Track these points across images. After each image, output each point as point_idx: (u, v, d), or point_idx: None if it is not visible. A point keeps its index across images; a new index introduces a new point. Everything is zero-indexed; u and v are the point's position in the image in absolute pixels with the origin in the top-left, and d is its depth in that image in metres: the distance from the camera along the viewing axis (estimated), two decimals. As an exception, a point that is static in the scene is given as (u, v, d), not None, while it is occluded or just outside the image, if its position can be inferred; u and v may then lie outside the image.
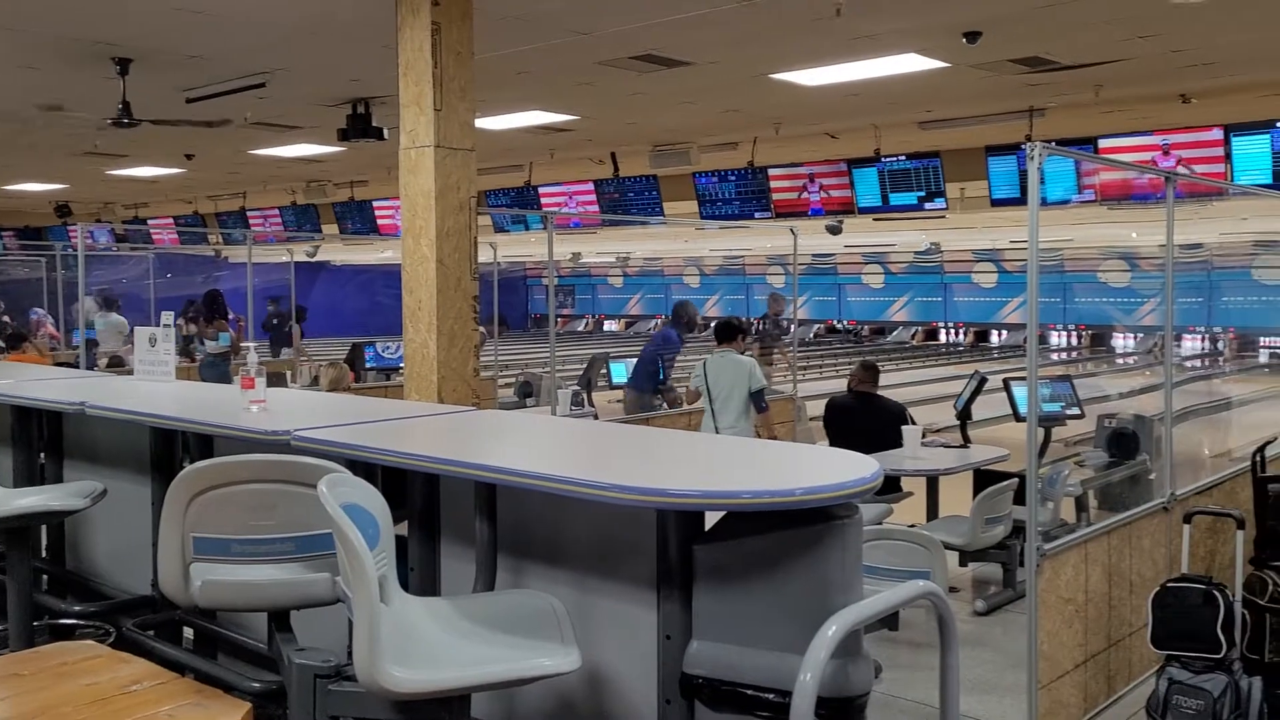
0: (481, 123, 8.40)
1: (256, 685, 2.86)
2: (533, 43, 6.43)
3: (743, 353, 6.71)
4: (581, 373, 10.30)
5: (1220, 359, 20.21)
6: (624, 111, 8.92)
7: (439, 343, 4.74)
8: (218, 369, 9.58)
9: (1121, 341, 22.02)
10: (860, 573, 2.43)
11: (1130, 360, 20.40)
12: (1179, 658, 3.67)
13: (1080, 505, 6.60)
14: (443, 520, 2.84)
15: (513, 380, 10.91)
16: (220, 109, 7.98)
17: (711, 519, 2.43)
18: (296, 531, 2.49)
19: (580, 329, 29.76)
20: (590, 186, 12.23)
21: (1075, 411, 6.80)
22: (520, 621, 2.35)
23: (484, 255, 6.74)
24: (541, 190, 12.65)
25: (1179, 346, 19.47)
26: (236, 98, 7.69)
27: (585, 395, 8.75)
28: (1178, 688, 3.63)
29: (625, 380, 8.71)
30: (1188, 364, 19.27)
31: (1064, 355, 21.68)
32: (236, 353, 9.71)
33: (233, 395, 3.40)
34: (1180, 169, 8.09)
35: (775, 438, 6.34)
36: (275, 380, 4.78)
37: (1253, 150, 8.11)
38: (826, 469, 2.42)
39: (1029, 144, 3.55)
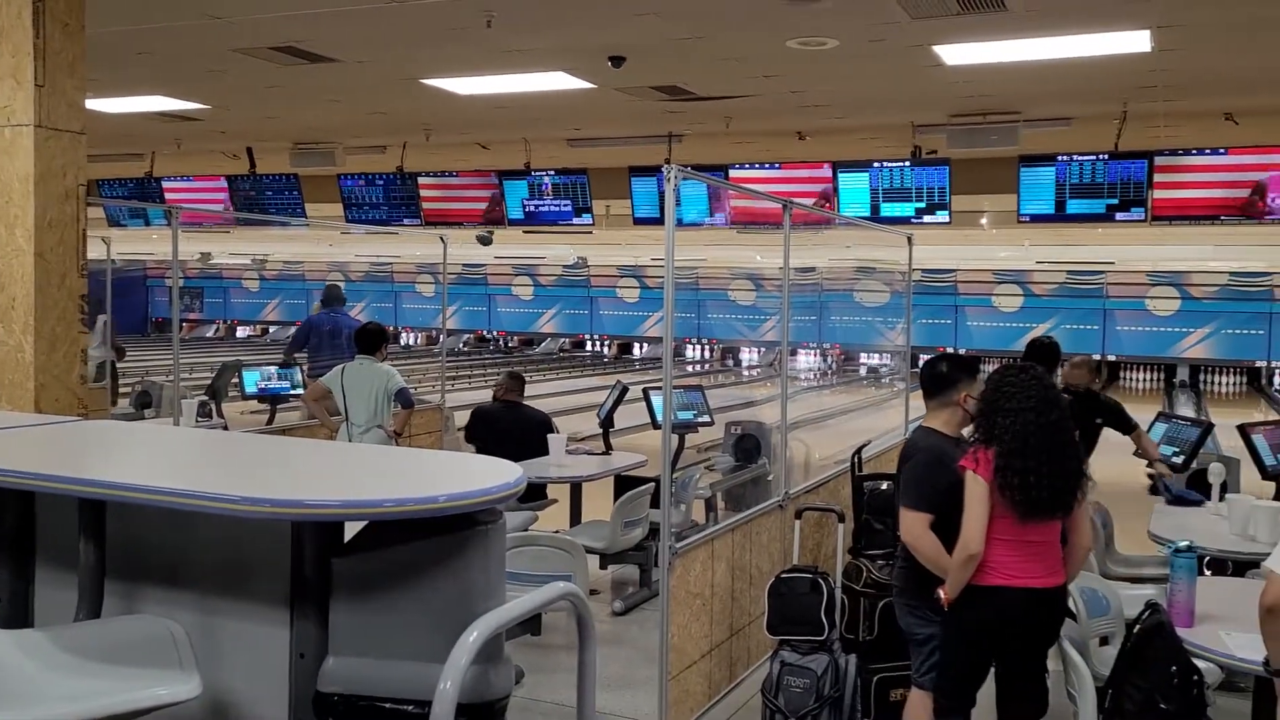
0: (95, 104, 7.61)
1: None
2: (156, 21, 5.90)
3: (383, 361, 6.55)
4: (210, 382, 9.62)
5: (829, 372, 22.52)
6: (262, 105, 8.44)
7: (37, 346, 4.21)
8: None
9: (748, 355, 23.92)
10: (503, 578, 2.45)
11: (755, 372, 22.21)
12: (790, 641, 4.04)
13: (710, 506, 7.10)
14: (39, 544, 2.52)
15: (129, 390, 9.95)
16: None
17: (354, 529, 2.35)
18: None
19: (210, 335, 27.73)
20: (223, 183, 11.45)
21: (706, 419, 7.30)
22: (131, 649, 2.14)
23: (96, 251, 6.08)
24: (166, 184, 11.66)
25: (794, 360, 21.44)
26: None
27: (214, 406, 8.15)
28: (788, 669, 3.98)
29: (254, 390, 8.29)
30: (802, 376, 21.28)
31: (698, 367, 23.21)
32: None
33: None
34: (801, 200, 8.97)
35: (397, 441, 6.24)
36: None
37: (855, 186, 9.13)
38: (470, 475, 2.42)
39: (667, 166, 3.76)
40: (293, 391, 8.19)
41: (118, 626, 2.30)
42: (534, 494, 6.39)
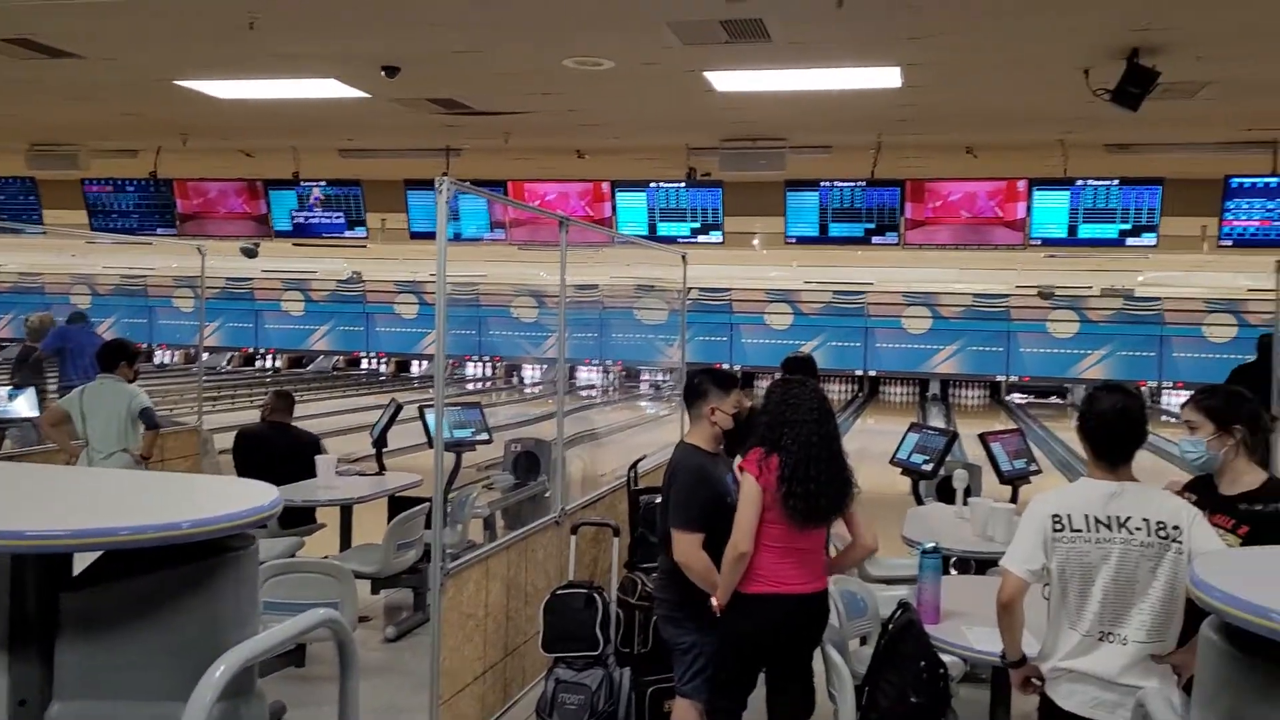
0: None
1: None
2: None
3: (131, 380, 6.09)
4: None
5: (611, 389, 22.81)
6: (-7, 100, 7.72)
7: None
8: None
9: (530, 372, 23.88)
10: (256, 608, 2.32)
11: (538, 389, 22.20)
12: (564, 658, 4.03)
13: (488, 525, 7.01)
14: None
15: None
16: None
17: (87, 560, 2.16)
18: None
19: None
20: (-55, 185, 10.38)
21: (484, 437, 7.20)
22: None
23: None
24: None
25: (576, 377, 21.59)
26: None
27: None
28: (563, 686, 3.97)
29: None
30: (583, 393, 21.44)
31: (480, 385, 22.96)
32: None
33: None
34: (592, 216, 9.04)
35: (147, 466, 5.84)
36: None
37: (633, 205, 9.30)
38: (218, 499, 2.27)
39: (439, 179, 3.67)
40: (25, 415, 7.48)
41: None
42: (301, 518, 6.12)
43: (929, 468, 6.08)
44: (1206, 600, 1.63)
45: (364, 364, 24.21)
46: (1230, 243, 8.09)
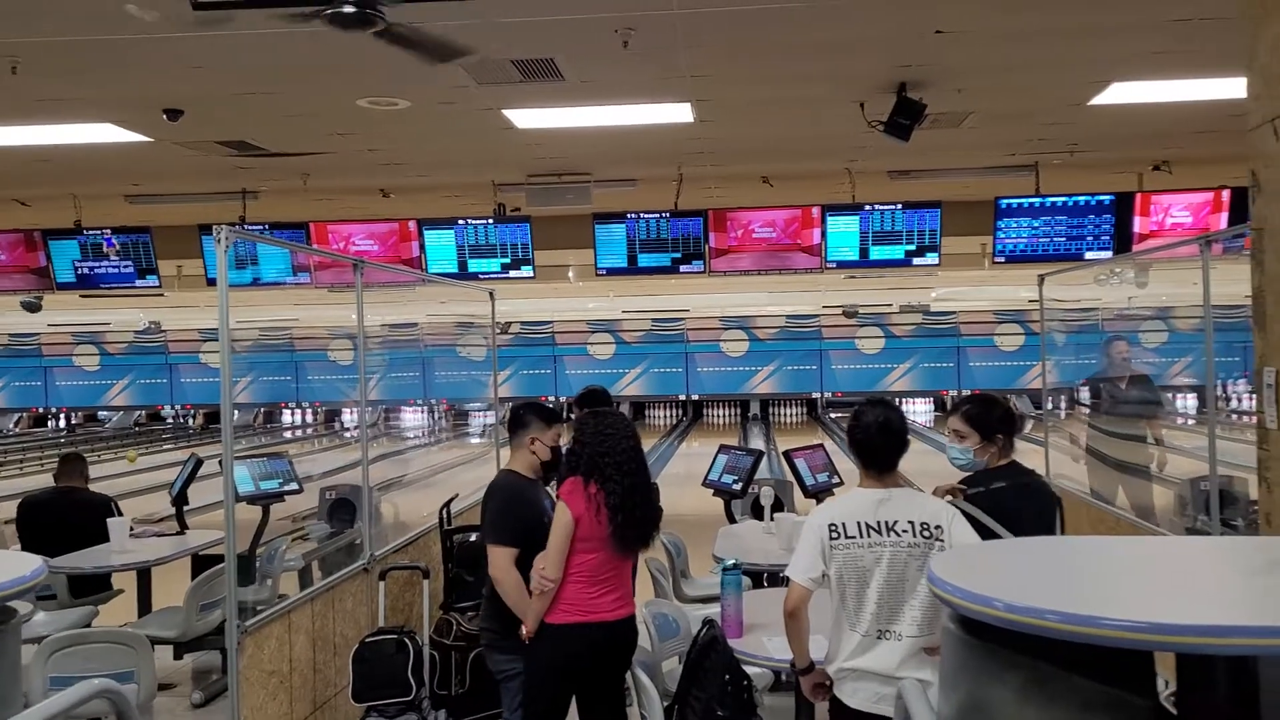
0: None
1: None
2: None
3: None
4: None
5: (435, 428, 22.44)
6: None
7: None
8: None
9: (350, 416, 23.24)
10: (19, 683, 2.19)
11: (357, 433, 21.61)
12: (377, 706, 3.95)
13: (304, 577, 6.77)
14: None
15: None
16: None
17: None
18: None
19: None
20: None
21: (294, 487, 6.96)
22: None
23: None
24: None
25: (399, 417, 21.15)
26: None
27: None
28: (374, 735, 3.89)
29: None
30: (409, 434, 21.01)
31: (297, 432, 22.18)
32: None
33: None
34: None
35: None
36: None
37: (442, 244, 9.23)
38: (-32, 572, 2.13)
39: (216, 228, 3.60)
40: None
41: None
42: (96, 585, 5.78)
43: (739, 487, 6.28)
44: (940, 593, 1.77)
45: (169, 418, 22.97)
46: (1004, 259, 8.73)
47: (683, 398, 22.62)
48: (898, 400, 22.46)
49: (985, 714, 1.76)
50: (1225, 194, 8.18)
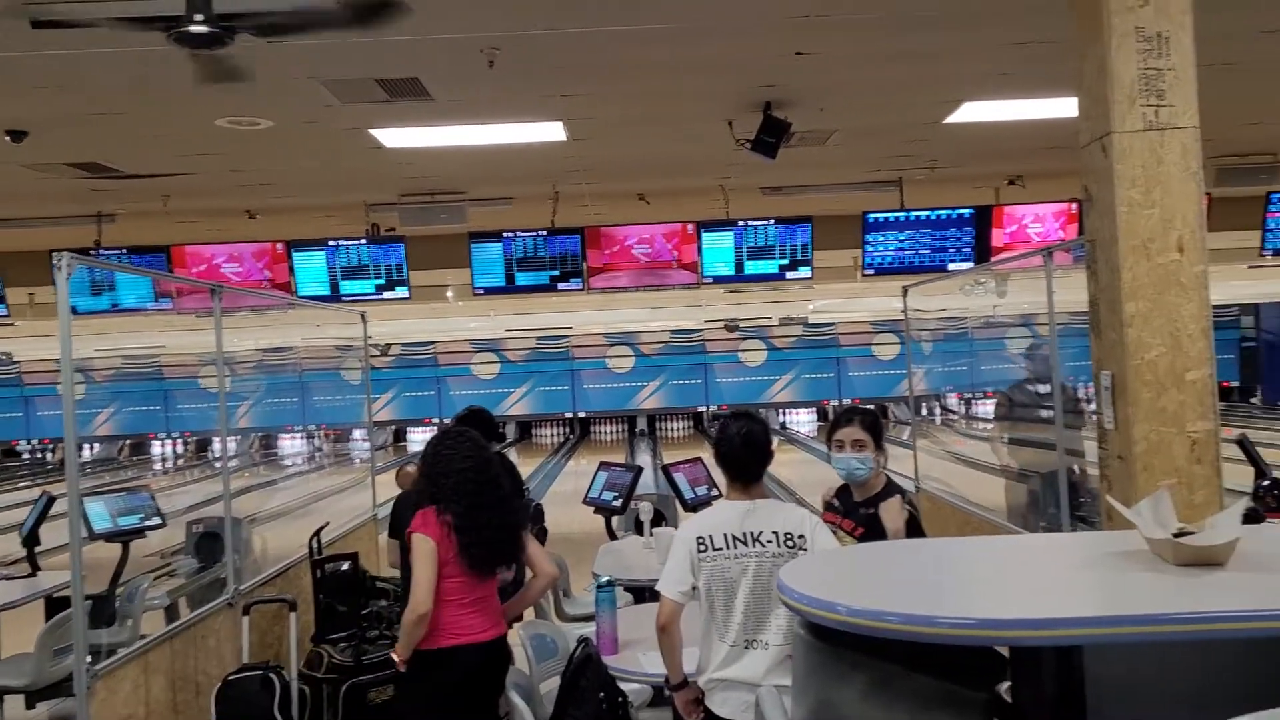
0: None
1: None
2: None
3: None
4: None
5: (315, 454, 21.84)
6: None
7: None
8: None
9: (223, 446, 22.45)
10: None
11: (233, 463, 20.88)
12: (243, 746, 3.81)
13: (171, 615, 6.49)
14: None
15: None
16: None
17: None
18: None
19: None
20: None
21: (156, 521, 6.66)
22: None
23: None
24: None
25: (278, 445, 20.55)
26: None
27: None
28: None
29: None
30: (285, 460, 20.41)
31: (169, 464, 21.33)
32: None
33: None
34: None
35: None
36: None
37: (312, 265, 9.02)
38: None
39: (56, 255, 3.44)
40: None
41: None
42: (-62, 635, 5.42)
43: (619, 503, 6.28)
44: (787, 600, 1.80)
45: (25, 453, 21.78)
46: (873, 271, 8.99)
47: (570, 415, 22.57)
48: (781, 411, 22.95)
49: (834, 716, 1.80)
50: (1075, 207, 8.61)
